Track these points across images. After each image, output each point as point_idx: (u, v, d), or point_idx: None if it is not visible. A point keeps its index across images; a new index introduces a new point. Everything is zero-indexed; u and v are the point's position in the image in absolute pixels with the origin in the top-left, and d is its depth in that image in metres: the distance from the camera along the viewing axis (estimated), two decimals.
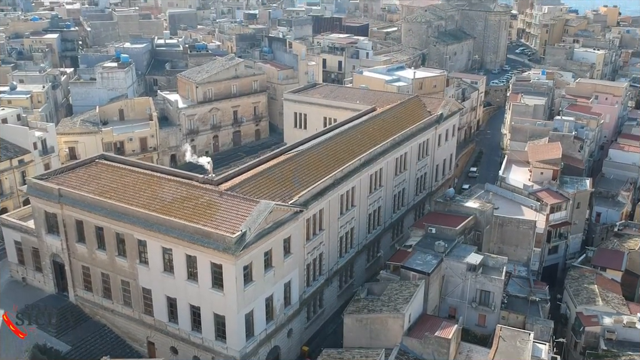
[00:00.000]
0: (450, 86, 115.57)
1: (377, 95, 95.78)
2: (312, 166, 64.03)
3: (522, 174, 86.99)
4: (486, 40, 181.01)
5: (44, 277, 65.99)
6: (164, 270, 54.10)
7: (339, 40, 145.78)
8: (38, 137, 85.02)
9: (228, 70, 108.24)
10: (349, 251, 69.62)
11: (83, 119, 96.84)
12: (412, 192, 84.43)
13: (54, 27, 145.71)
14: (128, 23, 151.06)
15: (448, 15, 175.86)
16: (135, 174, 59.88)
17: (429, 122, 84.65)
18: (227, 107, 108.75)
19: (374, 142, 73.33)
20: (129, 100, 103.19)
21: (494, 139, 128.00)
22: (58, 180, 61.19)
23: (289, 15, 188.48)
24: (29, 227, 65.60)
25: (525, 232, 71.78)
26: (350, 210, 67.91)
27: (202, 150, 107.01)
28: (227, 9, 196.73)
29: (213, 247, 48.75)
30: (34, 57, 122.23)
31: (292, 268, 57.18)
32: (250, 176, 58.55)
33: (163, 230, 51.78)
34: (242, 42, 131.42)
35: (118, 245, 56.97)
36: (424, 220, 71.13)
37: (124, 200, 56.13)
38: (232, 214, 51.47)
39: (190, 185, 56.52)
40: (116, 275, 58.35)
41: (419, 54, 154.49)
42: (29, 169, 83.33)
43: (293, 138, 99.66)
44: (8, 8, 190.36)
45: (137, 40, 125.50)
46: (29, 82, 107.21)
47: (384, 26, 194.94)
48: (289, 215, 54.26)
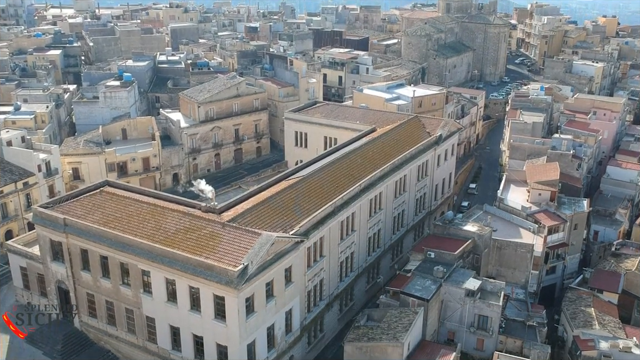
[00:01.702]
0: (449, 103, 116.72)
1: (377, 115, 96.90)
2: (312, 193, 65.05)
3: (521, 193, 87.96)
4: (486, 52, 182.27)
5: (49, 303, 67.03)
6: (167, 300, 55.14)
7: (339, 55, 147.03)
8: (42, 159, 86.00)
9: (229, 89, 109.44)
10: (349, 275, 70.64)
11: (86, 139, 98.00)
12: (412, 213, 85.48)
13: (56, 42, 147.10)
14: (130, 38, 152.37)
15: (448, 28, 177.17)
16: (139, 204, 60.92)
17: (428, 143, 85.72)
18: (228, 126, 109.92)
19: (374, 166, 74.42)
20: (132, 120, 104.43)
21: (493, 154, 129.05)
22: (63, 209, 62.29)
23: (289, 28, 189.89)
24: (34, 253, 66.72)
25: (523, 255, 72.81)
26: (350, 235, 68.97)
27: (203, 168, 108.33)
28: (229, 21, 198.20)
29: (216, 280, 49.81)
30: (38, 75, 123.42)
31: (293, 296, 58.22)
32: (251, 206, 59.50)
33: (167, 262, 52.86)
34: (243, 59, 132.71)
35: (122, 274, 58.04)
36: (423, 243, 72.11)
37: (128, 230, 57.21)
38: (234, 246, 52.51)
39: (193, 216, 57.54)
40: (120, 303, 59.44)
41: (418, 68, 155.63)
42: (33, 191, 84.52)
43: (294, 156, 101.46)
44: (11, 22, 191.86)
45: (139, 58, 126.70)
46: (33, 101, 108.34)
47: (384, 38, 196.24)
48: (290, 245, 55.34)
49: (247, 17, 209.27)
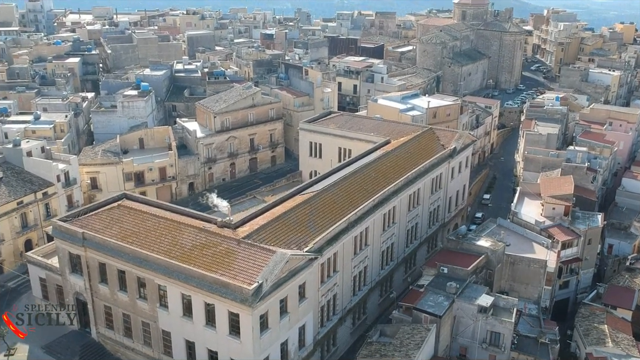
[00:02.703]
0: (464, 113, 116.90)
1: (391, 127, 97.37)
2: (326, 209, 65.72)
3: (535, 207, 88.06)
4: (501, 59, 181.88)
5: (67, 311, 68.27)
6: (183, 314, 56.12)
7: (354, 63, 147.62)
8: (61, 169, 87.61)
9: (245, 100, 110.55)
10: (362, 289, 71.24)
11: (104, 148, 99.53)
12: (425, 225, 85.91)
13: (75, 50, 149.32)
14: (147, 46, 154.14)
15: (463, 36, 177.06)
16: (156, 219, 61.99)
17: (442, 156, 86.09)
18: (244, 135, 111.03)
19: (388, 181, 74.98)
20: (149, 130, 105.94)
21: (508, 164, 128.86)
22: (82, 223, 63.57)
23: (305, 35, 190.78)
24: (53, 265, 68.12)
25: (536, 270, 72.99)
26: (364, 250, 69.60)
27: (219, 177, 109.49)
28: (244, 28, 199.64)
29: (231, 297, 50.68)
30: (57, 83, 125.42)
31: (307, 312, 58.96)
32: (266, 222, 60.30)
33: (182, 278, 53.84)
34: (259, 68, 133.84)
35: (139, 288, 59.14)
36: (436, 258, 72.51)
37: (145, 245, 58.29)
38: (249, 263, 53.36)
39: (209, 232, 58.45)
40: (137, 317, 60.54)
41: (433, 76, 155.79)
42: (52, 201, 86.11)
43: (308, 166, 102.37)
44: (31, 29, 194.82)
45: (156, 67, 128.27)
46: (52, 110, 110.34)
47: (398, 45, 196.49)
48: (304, 262, 56.08)
49: (263, 23, 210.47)
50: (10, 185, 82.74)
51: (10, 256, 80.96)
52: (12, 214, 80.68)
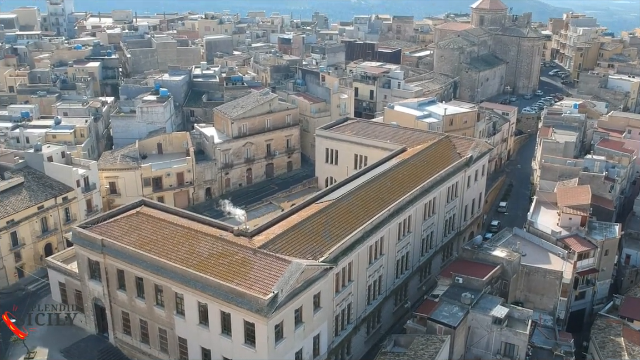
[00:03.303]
0: (481, 120, 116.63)
1: (408, 134, 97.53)
2: (342, 218, 66.15)
3: (551, 216, 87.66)
4: (519, 65, 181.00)
5: (86, 318, 69.56)
6: (199, 322, 56.93)
7: (371, 69, 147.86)
8: (81, 174, 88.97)
9: (262, 106, 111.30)
10: (376, 298, 71.54)
11: (123, 153, 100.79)
12: (441, 234, 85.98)
13: (95, 54, 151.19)
14: (166, 50, 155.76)
15: (481, 41, 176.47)
16: (174, 227, 62.84)
17: (458, 165, 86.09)
18: (260, 141, 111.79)
19: (404, 190, 75.22)
20: (167, 135, 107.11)
21: (525, 171, 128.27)
22: (101, 230, 64.67)
23: (322, 39, 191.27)
24: (72, 270, 69.31)
25: (552, 282, 72.82)
26: (379, 259, 69.93)
27: (235, 182, 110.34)
28: (262, 32, 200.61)
29: (246, 307, 51.33)
30: (77, 87, 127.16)
31: (321, 321, 59.44)
32: (282, 231, 60.86)
33: (199, 287, 54.62)
34: (276, 74, 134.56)
35: (156, 295, 60.06)
36: (451, 268, 72.59)
37: (163, 253, 59.18)
38: (265, 273, 53.96)
39: (225, 241, 59.15)
40: (154, 323, 61.46)
41: (450, 82, 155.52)
42: (72, 205, 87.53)
43: (324, 172, 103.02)
44: (52, 33, 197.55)
45: (175, 72, 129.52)
46: (73, 114, 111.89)
47: (416, 49, 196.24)
48: (319, 272, 56.57)
49: (281, 27, 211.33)
50: (31, 190, 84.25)
51: (30, 260, 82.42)
52: (32, 218, 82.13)
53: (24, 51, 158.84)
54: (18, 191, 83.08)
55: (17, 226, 79.98)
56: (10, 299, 77.61)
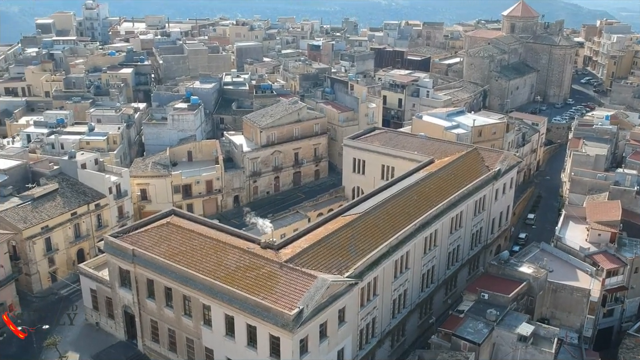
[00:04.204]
0: (510, 131, 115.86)
1: (435, 146, 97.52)
2: (368, 232, 66.61)
3: (580, 232, 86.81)
4: (550, 73, 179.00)
5: (116, 325, 71.30)
6: (226, 334, 57.98)
7: (400, 77, 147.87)
8: (113, 181, 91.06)
9: (291, 115, 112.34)
10: (401, 311, 71.81)
11: (154, 161, 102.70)
12: (467, 247, 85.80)
13: (129, 60, 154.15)
14: (198, 57, 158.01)
15: (511, 49, 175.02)
16: (203, 238, 64.09)
17: (486, 178, 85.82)
18: (288, 150, 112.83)
19: (430, 204, 75.37)
20: (197, 143, 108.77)
21: (554, 182, 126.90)
22: (132, 239, 66.27)
23: (351, 45, 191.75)
24: (103, 278, 71.11)
25: (579, 299, 72.26)
26: (404, 273, 70.21)
27: (263, 190, 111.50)
28: (292, 38, 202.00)
29: (272, 321, 52.19)
30: (111, 94, 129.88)
31: (346, 335, 59.98)
32: (308, 245, 61.55)
33: (226, 300, 55.69)
34: (305, 82, 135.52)
35: (185, 305, 61.34)
36: (477, 284, 72.48)
37: (191, 264, 60.44)
38: (290, 288, 54.77)
39: (252, 254, 60.12)
40: (182, 332, 62.78)
41: (480, 91, 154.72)
42: (104, 212, 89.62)
43: (351, 182, 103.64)
44: (87, 38, 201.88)
45: (206, 80, 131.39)
46: (106, 121, 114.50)
47: (445, 56, 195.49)
48: (344, 288, 57.15)
49: (310, 33, 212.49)
50: (65, 196, 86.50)
51: (63, 265, 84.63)
52: (66, 224, 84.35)
53: (60, 57, 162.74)
54: (53, 197, 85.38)
55: (51, 232, 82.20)
56: (44, 303, 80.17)
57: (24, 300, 79.00)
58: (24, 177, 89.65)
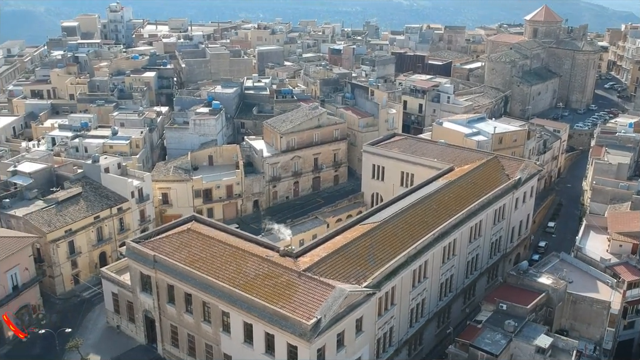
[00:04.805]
0: (531, 139, 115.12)
1: (456, 153, 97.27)
2: (386, 242, 66.84)
3: (601, 242, 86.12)
4: (573, 79, 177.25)
5: (136, 328, 72.43)
6: (244, 341, 58.68)
7: (421, 82, 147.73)
8: (135, 186, 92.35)
9: (311, 120, 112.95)
10: (419, 320, 71.94)
11: (176, 165, 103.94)
12: (486, 256, 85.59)
13: (152, 64, 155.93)
14: (219, 61, 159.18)
15: (533, 54, 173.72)
16: (223, 245, 64.88)
17: (506, 187, 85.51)
18: (308, 155, 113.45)
19: (450, 213, 75.39)
20: (218, 148, 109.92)
21: (575, 189, 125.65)
22: (153, 245, 67.31)
23: (372, 49, 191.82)
24: (125, 282, 72.29)
25: (599, 311, 71.74)
26: (422, 282, 70.33)
27: (282, 195, 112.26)
28: (313, 42, 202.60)
29: (290, 330, 52.75)
30: (134, 97, 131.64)
31: (363, 344, 60.32)
32: (326, 254, 61.98)
33: (245, 308, 56.40)
34: (325, 87, 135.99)
35: (204, 311, 62.19)
36: (495, 294, 72.31)
37: (211, 271, 61.26)
38: (308, 297, 55.27)
39: (271, 262, 60.74)
40: (201, 338, 63.63)
41: (501, 96, 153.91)
42: (126, 215, 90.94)
43: (370, 188, 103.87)
44: (111, 41, 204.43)
45: (227, 84, 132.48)
46: (129, 125, 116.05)
47: (467, 61, 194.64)
48: (362, 297, 57.51)
49: (332, 37, 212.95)
50: (88, 200, 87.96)
51: (85, 268, 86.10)
52: (89, 227, 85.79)
53: (85, 59, 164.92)
54: (76, 201, 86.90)
55: (74, 235, 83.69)
56: (66, 305, 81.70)
57: (47, 302, 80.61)
58: (48, 181, 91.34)
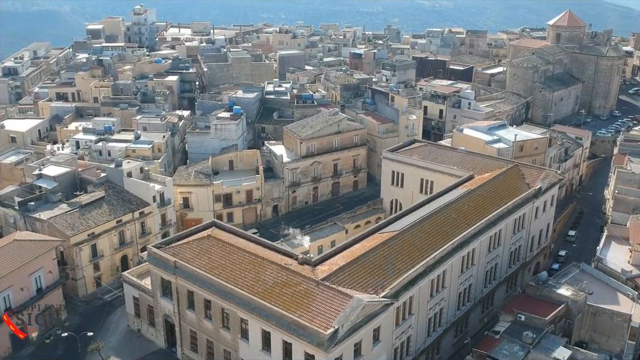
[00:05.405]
0: (552, 146, 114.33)
1: (476, 161, 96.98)
2: (404, 251, 67.03)
3: (622, 253, 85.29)
4: (596, 84, 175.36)
5: (156, 332, 73.49)
6: (262, 348, 59.31)
7: (442, 88, 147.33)
8: (157, 190, 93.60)
9: (331, 126, 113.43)
10: (436, 330, 71.97)
11: (197, 170, 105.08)
12: (505, 265, 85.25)
13: (174, 68, 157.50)
14: (241, 65, 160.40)
15: (556, 59, 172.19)
16: (242, 253, 65.61)
17: (526, 197, 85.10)
18: (328, 161, 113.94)
19: (469, 222, 75.30)
20: (239, 153, 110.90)
21: (597, 198, 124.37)
22: (174, 251, 68.30)
23: (393, 54, 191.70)
24: (146, 286, 73.35)
25: (620, 324, 71.18)
26: (440, 292, 70.37)
27: (301, 200, 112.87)
28: (334, 46, 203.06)
29: (307, 339, 53.25)
30: (156, 101, 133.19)
31: (380, 354, 60.58)
32: (344, 263, 62.37)
33: (263, 315, 57.06)
34: (346, 92, 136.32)
35: (223, 318, 62.95)
36: (514, 304, 72.14)
37: (230, 278, 62.02)
38: (326, 306, 55.73)
39: (290, 270, 61.31)
40: (220, 344, 64.43)
41: (522, 102, 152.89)
42: (147, 219, 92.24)
43: (389, 194, 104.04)
44: (134, 44, 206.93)
45: (248, 89, 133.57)
46: (151, 129, 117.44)
47: (488, 65, 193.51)
48: (380, 307, 57.80)
49: (353, 41, 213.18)
50: (111, 204, 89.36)
51: (107, 271, 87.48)
52: (111, 231, 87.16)
53: (109, 63, 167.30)
54: (99, 205, 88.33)
55: (97, 239, 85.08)
56: (88, 307, 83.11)
57: (70, 304, 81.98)
58: (72, 184, 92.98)
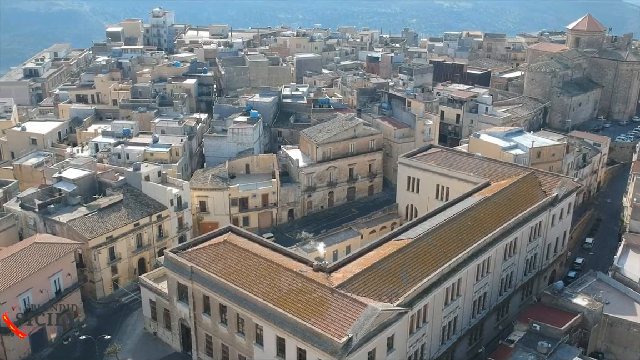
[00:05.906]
0: (570, 153, 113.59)
1: (492, 167, 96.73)
2: (419, 259, 67.11)
3: None
4: (615, 89, 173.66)
5: (172, 336, 74.28)
6: (276, 354, 59.74)
7: (459, 92, 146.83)
8: (174, 194, 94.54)
9: (347, 131, 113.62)
10: (451, 338, 71.93)
11: (214, 173, 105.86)
12: (521, 273, 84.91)
13: (192, 71, 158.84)
14: (258, 68, 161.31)
15: (575, 64, 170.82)
16: (257, 259, 66.16)
17: (543, 204, 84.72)
18: (344, 165, 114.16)
19: (484, 230, 75.17)
20: (255, 157, 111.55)
21: (614, 205, 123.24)
22: (190, 256, 69.04)
23: (410, 57, 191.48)
24: (162, 290, 74.18)
25: (637, 334, 70.68)
26: (455, 300, 70.34)
27: (317, 205, 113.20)
28: (351, 49, 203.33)
29: (321, 347, 53.59)
30: (174, 105, 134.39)
31: None
32: (359, 271, 62.61)
33: (278, 322, 57.50)
34: (362, 96, 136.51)
35: (238, 323, 63.52)
36: (529, 314, 71.95)
37: (245, 284, 62.59)
38: (341, 314, 56.06)
39: (304, 277, 61.71)
40: (235, 349, 65.02)
41: (540, 108, 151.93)
42: (164, 223, 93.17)
43: (405, 199, 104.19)
44: (153, 47, 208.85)
45: (265, 93, 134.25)
46: (169, 132, 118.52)
47: (506, 69, 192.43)
48: (394, 316, 57.98)
49: (370, 44, 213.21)
50: (129, 207, 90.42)
51: (125, 273, 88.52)
52: (129, 234, 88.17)
53: (128, 65, 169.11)
54: (117, 208, 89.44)
55: (115, 242, 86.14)
56: (106, 310, 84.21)
57: (88, 306, 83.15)
58: (91, 187, 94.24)
